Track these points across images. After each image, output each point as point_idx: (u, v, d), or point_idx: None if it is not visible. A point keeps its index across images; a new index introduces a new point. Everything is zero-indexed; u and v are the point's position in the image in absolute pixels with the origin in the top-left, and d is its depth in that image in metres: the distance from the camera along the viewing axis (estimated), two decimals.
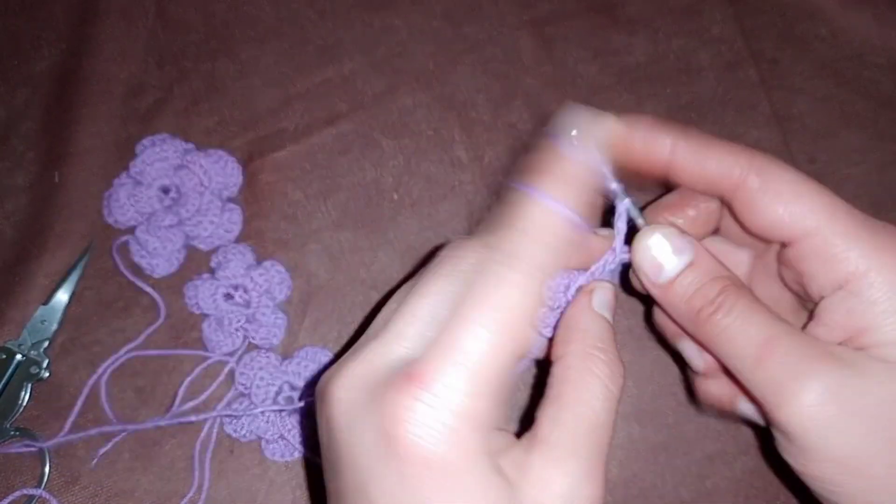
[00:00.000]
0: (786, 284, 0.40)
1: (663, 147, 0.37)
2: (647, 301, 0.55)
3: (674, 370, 0.53)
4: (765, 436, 0.50)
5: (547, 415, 0.33)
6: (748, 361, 0.35)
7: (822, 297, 0.36)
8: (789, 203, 0.36)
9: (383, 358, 0.32)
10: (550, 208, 0.33)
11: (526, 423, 0.34)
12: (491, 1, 0.59)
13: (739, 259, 0.43)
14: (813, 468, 0.34)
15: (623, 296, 0.54)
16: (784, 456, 0.36)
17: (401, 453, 0.29)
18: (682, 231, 0.38)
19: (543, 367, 0.37)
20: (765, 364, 0.34)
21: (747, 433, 0.52)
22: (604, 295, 0.37)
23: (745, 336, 0.35)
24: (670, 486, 0.51)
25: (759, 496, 0.51)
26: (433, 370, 0.29)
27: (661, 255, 0.37)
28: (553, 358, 0.35)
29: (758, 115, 0.58)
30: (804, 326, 0.38)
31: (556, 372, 0.34)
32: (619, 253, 0.38)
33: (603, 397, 0.33)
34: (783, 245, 0.38)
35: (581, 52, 0.59)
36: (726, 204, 0.39)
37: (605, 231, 0.39)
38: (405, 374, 0.30)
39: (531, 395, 0.51)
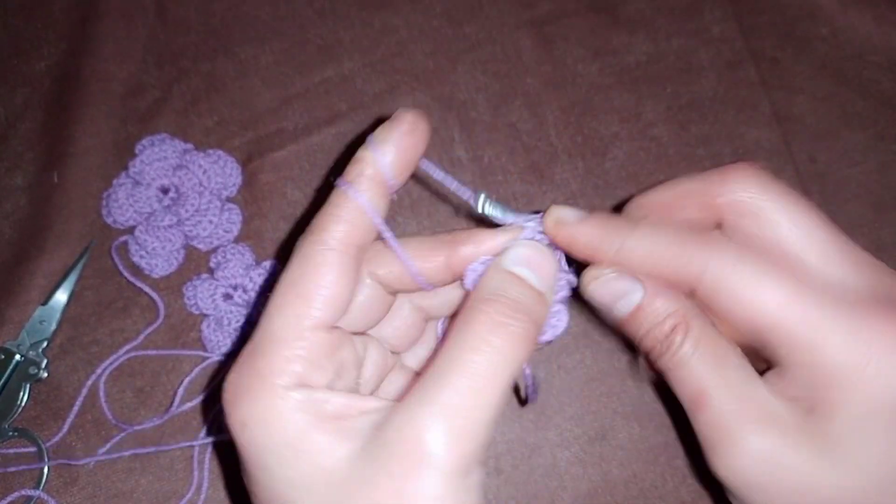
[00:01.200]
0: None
1: (608, 250, 0.36)
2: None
3: None
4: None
5: (425, 374, 0.32)
6: (688, 407, 0.35)
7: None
8: (750, 307, 0.34)
9: None
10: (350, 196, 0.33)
11: None
12: (490, 0, 0.59)
13: None
14: None
15: None
16: (727, 494, 0.37)
17: (228, 424, 0.32)
18: (624, 273, 0.36)
19: None
20: (699, 415, 0.35)
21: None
22: (517, 252, 0.36)
23: (686, 383, 0.35)
24: (671, 487, 0.51)
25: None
26: (247, 347, 0.33)
27: (609, 294, 0.36)
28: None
29: (758, 114, 0.57)
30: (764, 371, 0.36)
31: (445, 335, 0.34)
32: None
33: (483, 353, 0.31)
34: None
35: (581, 51, 0.59)
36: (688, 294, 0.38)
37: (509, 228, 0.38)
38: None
39: None
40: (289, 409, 0.31)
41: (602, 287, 0.36)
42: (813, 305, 0.33)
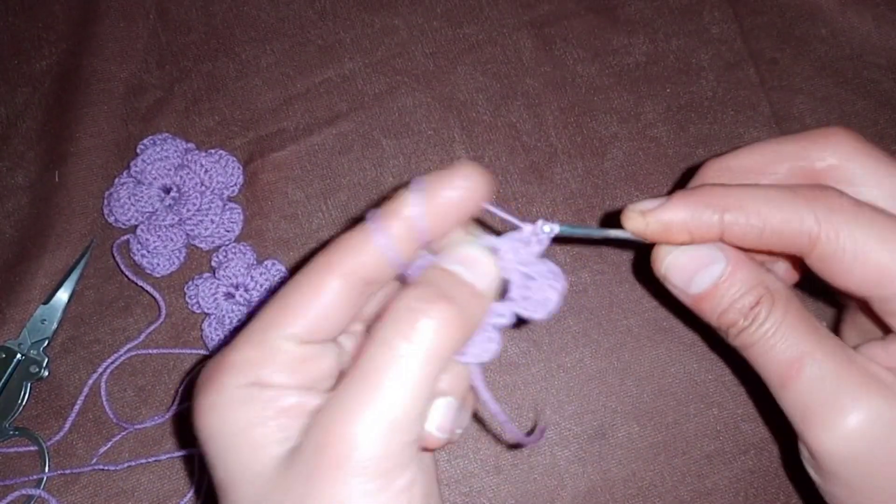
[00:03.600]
0: (859, 305, 0.37)
1: (711, 226, 0.33)
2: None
3: (672, 369, 0.53)
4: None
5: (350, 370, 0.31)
6: (777, 380, 0.33)
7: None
8: (872, 264, 0.31)
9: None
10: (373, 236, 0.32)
11: None
12: (491, 1, 0.59)
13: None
14: (835, 490, 0.33)
15: (621, 296, 0.54)
16: (807, 467, 0.35)
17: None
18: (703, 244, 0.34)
19: None
20: (791, 387, 0.32)
21: (747, 433, 0.52)
22: (455, 251, 0.33)
23: (774, 353, 0.33)
24: (669, 485, 0.51)
25: (758, 496, 0.51)
26: (230, 346, 0.32)
27: (689, 267, 0.34)
28: None
29: (757, 115, 0.58)
30: (868, 342, 0.35)
31: None
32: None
33: (389, 342, 0.30)
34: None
35: (580, 52, 0.59)
36: (794, 262, 0.36)
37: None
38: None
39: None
40: (234, 402, 0.31)
41: (678, 262, 0.34)
42: None
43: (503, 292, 0.34)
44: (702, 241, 0.34)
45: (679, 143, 0.57)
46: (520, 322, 0.34)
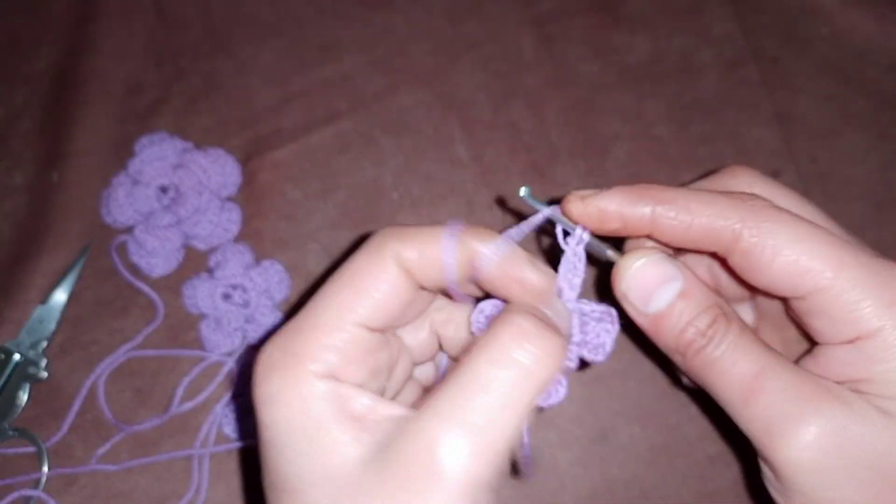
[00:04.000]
0: (786, 313, 0.38)
1: (642, 217, 0.35)
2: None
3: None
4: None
5: (448, 384, 0.31)
6: (737, 398, 0.33)
7: (824, 344, 0.34)
8: (790, 261, 0.33)
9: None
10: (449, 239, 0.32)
11: None
12: None
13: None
14: None
15: None
16: (769, 489, 0.35)
17: (253, 397, 0.31)
18: (670, 254, 0.36)
19: None
20: (753, 402, 0.33)
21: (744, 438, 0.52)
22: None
23: (735, 371, 0.33)
24: (671, 488, 0.51)
25: (759, 498, 0.51)
26: (289, 326, 0.32)
27: (648, 283, 0.35)
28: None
29: (759, 114, 0.57)
30: (799, 359, 0.36)
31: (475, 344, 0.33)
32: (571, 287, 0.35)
33: (508, 367, 0.30)
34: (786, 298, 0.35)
35: (582, 50, 0.58)
36: (719, 259, 0.37)
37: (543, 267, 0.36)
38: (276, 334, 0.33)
39: None
40: (314, 396, 0.30)
41: (637, 279, 0.35)
42: (852, 262, 0.32)
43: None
44: (633, 230, 0.36)
45: (681, 143, 0.57)
46: (582, 365, 0.35)
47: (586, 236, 0.36)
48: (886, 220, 0.55)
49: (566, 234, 0.36)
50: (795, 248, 0.33)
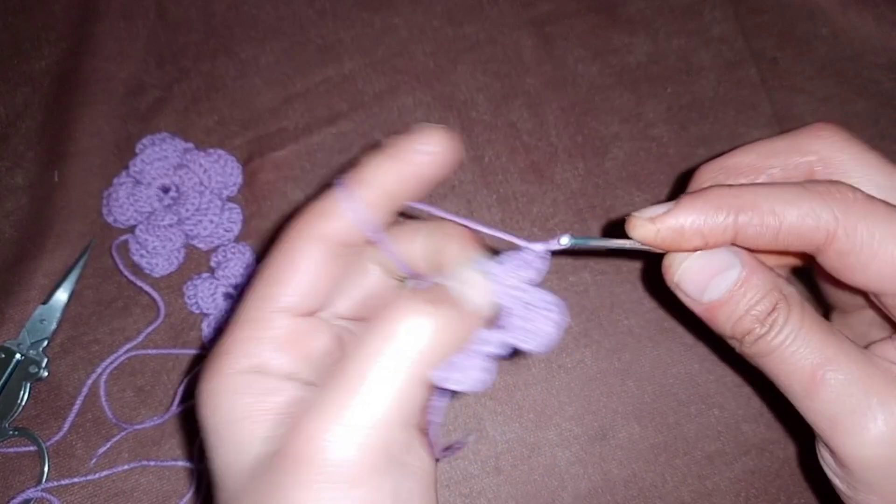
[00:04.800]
0: (869, 303, 0.36)
1: (725, 229, 0.32)
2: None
3: (674, 370, 0.53)
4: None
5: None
6: (799, 389, 0.32)
7: None
8: (889, 261, 0.31)
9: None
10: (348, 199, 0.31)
11: None
12: (491, 1, 0.59)
13: None
14: (865, 499, 0.32)
15: (622, 297, 0.54)
16: (830, 476, 0.34)
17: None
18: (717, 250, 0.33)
19: None
20: (816, 394, 0.31)
21: (748, 433, 0.52)
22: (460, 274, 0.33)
23: (795, 361, 0.32)
24: (670, 486, 0.51)
25: (759, 497, 0.51)
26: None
27: (705, 273, 0.33)
28: None
29: (758, 114, 0.57)
30: (872, 343, 0.34)
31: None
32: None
33: (365, 342, 0.29)
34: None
35: (581, 51, 0.59)
36: (806, 260, 0.35)
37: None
38: None
39: None
40: (233, 391, 0.30)
41: (692, 270, 0.33)
42: None
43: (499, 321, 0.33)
44: (715, 245, 0.33)
45: (680, 143, 0.57)
46: (516, 353, 0.33)
47: (565, 240, 0.33)
48: None
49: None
50: (891, 252, 0.31)
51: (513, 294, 0.32)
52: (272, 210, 0.55)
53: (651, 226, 0.33)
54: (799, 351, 0.32)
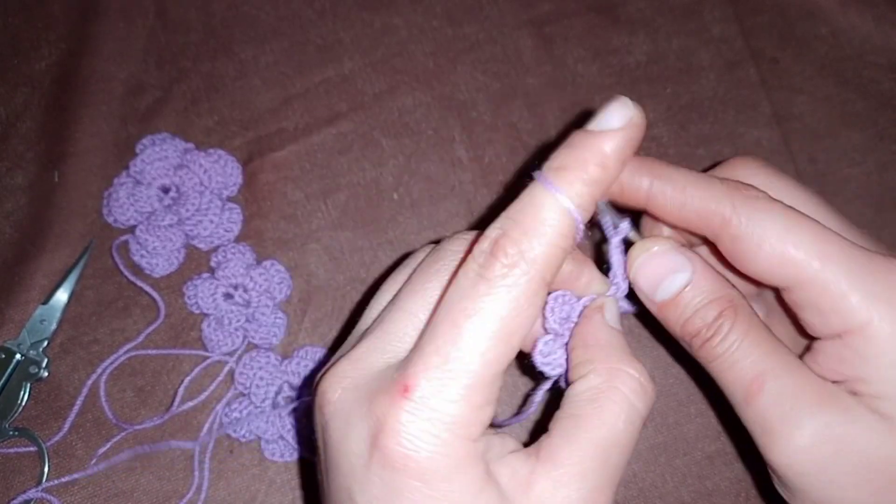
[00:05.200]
0: (783, 308, 0.38)
1: (639, 188, 0.35)
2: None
3: (674, 370, 0.53)
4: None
5: (562, 430, 0.31)
6: (739, 394, 0.34)
7: (818, 339, 0.35)
8: (776, 250, 0.33)
9: (376, 359, 0.31)
10: (562, 206, 0.30)
11: (537, 435, 0.33)
12: (491, 1, 0.59)
13: None
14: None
15: None
16: (776, 485, 0.36)
17: (387, 462, 0.29)
18: (681, 245, 0.36)
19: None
20: (754, 402, 0.33)
21: (748, 433, 0.52)
22: (613, 308, 0.36)
23: (737, 369, 0.33)
24: (671, 487, 0.51)
25: (759, 497, 0.51)
26: (420, 377, 0.28)
27: (657, 272, 0.35)
28: (573, 377, 0.34)
29: (758, 114, 0.57)
30: (803, 354, 0.36)
31: (578, 389, 0.32)
32: (622, 282, 0.37)
33: (627, 417, 0.31)
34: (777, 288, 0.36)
35: (581, 51, 0.59)
36: (710, 246, 0.37)
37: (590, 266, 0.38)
38: (394, 381, 0.29)
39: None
40: (462, 464, 0.29)
41: (647, 267, 0.35)
42: (839, 253, 0.32)
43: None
44: (630, 199, 0.36)
45: (680, 143, 0.57)
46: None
47: (631, 233, 0.36)
48: (885, 220, 0.55)
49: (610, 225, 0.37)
50: (782, 238, 0.33)
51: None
52: (272, 210, 0.55)
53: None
54: (742, 360, 0.33)
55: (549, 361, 0.36)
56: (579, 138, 0.31)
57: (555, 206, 0.30)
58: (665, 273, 0.35)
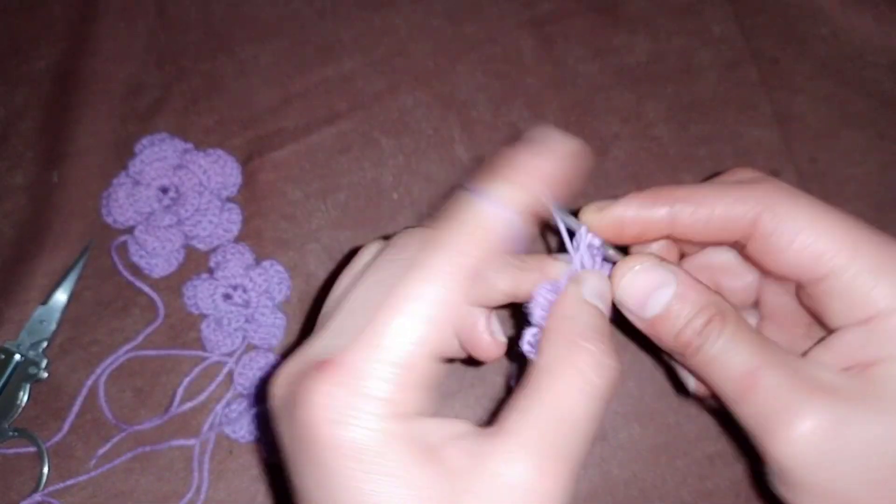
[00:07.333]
0: (800, 300, 0.38)
1: (661, 218, 0.36)
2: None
3: None
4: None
5: (516, 405, 0.30)
6: (733, 394, 0.34)
7: (838, 328, 0.35)
8: (807, 244, 0.33)
9: (316, 350, 0.31)
10: (492, 207, 0.31)
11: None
12: (491, 0, 0.59)
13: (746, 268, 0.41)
14: (801, 501, 0.33)
15: None
16: (773, 482, 0.35)
17: (317, 439, 0.28)
18: (662, 259, 0.36)
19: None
20: (749, 398, 0.33)
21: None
22: (595, 283, 0.35)
23: (729, 367, 0.33)
24: (671, 487, 0.51)
25: (762, 495, 0.51)
26: (350, 357, 0.28)
27: (643, 290, 0.35)
28: (539, 352, 0.34)
29: (758, 114, 0.57)
30: (807, 351, 0.36)
31: (538, 363, 0.32)
32: (586, 259, 0.36)
33: (583, 391, 0.31)
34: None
35: (581, 51, 0.58)
36: (739, 249, 0.37)
37: (563, 256, 0.37)
38: (322, 361, 0.29)
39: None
40: (394, 441, 0.28)
41: (632, 286, 0.35)
42: (868, 243, 0.33)
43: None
44: (653, 233, 0.36)
45: (680, 143, 0.57)
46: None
47: (596, 241, 0.36)
48: (886, 220, 0.55)
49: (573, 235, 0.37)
50: (813, 231, 0.33)
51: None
52: (271, 210, 0.55)
53: (597, 214, 0.37)
54: (733, 358, 0.33)
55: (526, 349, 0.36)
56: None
57: (477, 201, 0.31)
58: (650, 289, 0.35)
